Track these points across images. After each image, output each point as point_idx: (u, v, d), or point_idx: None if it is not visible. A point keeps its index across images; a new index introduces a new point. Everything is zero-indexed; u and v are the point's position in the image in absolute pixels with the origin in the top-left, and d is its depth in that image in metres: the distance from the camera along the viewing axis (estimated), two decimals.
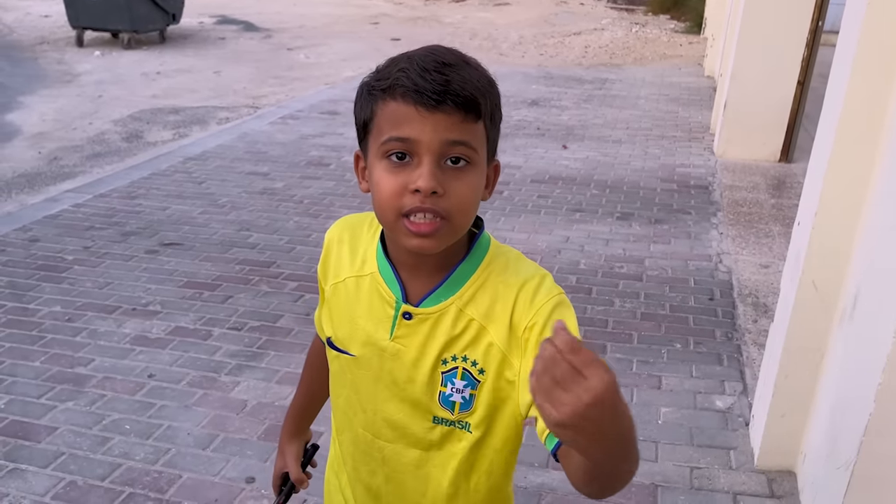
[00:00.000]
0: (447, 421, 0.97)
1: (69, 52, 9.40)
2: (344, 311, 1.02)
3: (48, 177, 5.18)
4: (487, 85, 0.89)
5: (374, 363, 0.99)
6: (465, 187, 0.87)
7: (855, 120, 1.89)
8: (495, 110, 0.91)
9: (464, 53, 0.90)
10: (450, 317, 0.95)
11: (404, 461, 1.02)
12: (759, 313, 3.27)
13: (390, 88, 0.86)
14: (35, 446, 2.39)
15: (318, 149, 5.66)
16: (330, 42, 10.72)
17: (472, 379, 0.95)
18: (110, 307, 3.26)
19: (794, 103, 5.24)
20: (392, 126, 0.86)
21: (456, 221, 0.89)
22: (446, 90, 0.84)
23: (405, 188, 0.86)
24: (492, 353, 0.94)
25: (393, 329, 0.97)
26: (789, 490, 2.23)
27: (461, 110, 0.84)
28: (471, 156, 0.87)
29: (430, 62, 0.85)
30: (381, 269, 0.99)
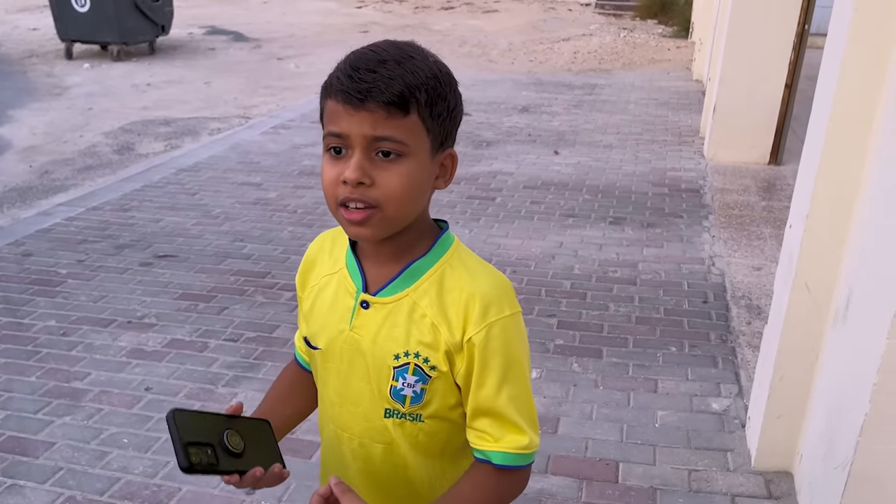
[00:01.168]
0: (398, 413, 1.00)
1: (58, 65, 9.37)
2: (319, 308, 1.06)
3: (40, 190, 5.17)
4: (425, 79, 0.91)
5: (336, 355, 1.03)
6: (395, 177, 0.91)
7: (844, 122, 1.92)
8: (437, 102, 0.93)
9: (410, 47, 0.94)
10: (404, 309, 0.98)
11: (372, 456, 1.04)
12: (752, 315, 3.30)
13: (329, 88, 0.93)
14: (33, 462, 2.38)
15: (311, 158, 5.66)
16: (320, 51, 10.73)
17: (423, 374, 0.98)
18: (105, 320, 3.25)
19: (783, 106, 5.29)
20: (329, 122, 0.93)
21: (388, 210, 0.92)
22: (370, 89, 0.88)
23: (339, 179, 0.92)
24: (442, 352, 0.97)
25: (352, 319, 1.01)
26: (787, 491, 2.25)
27: (384, 107, 0.89)
28: (400, 149, 0.91)
29: (363, 61, 0.91)
30: (348, 263, 1.04)
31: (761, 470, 2.34)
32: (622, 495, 2.26)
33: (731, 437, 2.51)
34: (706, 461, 2.40)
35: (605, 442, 2.49)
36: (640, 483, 2.30)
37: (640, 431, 2.54)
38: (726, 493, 2.26)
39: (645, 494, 2.25)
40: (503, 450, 0.96)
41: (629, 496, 2.25)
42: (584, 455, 2.42)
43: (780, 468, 2.32)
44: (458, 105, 0.98)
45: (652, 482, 2.31)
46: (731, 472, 2.34)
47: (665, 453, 2.43)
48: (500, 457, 0.97)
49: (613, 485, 2.30)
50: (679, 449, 2.45)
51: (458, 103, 0.98)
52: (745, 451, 2.43)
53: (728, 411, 2.65)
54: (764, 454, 2.32)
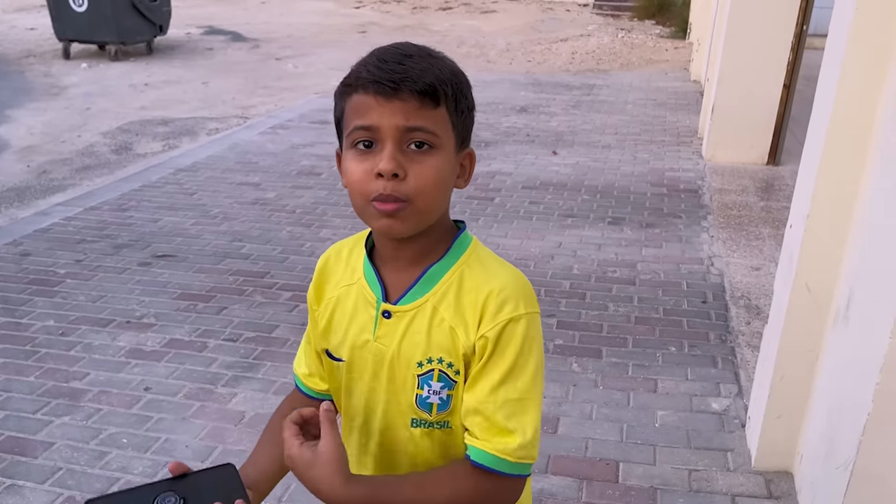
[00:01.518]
0: (426, 423, 0.98)
1: (56, 65, 9.36)
2: (339, 320, 1.04)
3: (38, 190, 5.16)
4: (450, 74, 0.92)
5: (360, 366, 1.01)
6: (428, 169, 0.90)
7: (844, 122, 1.92)
8: (460, 98, 0.93)
9: (431, 49, 0.94)
10: (425, 315, 0.96)
11: (396, 463, 1.02)
12: (751, 315, 3.30)
13: (354, 83, 0.91)
14: (32, 462, 2.37)
15: (309, 158, 5.66)
16: (318, 51, 10.73)
17: (448, 380, 0.96)
18: (104, 320, 3.25)
19: (781, 106, 5.30)
20: (356, 116, 0.91)
21: (419, 203, 0.90)
22: (403, 78, 0.88)
23: (371, 173, 0.90)
24: (460, 356, 0.95)
25: (375, 329, 0.99)
26: (787, 491, 2.25)
27: (417, 96, 0.88)
28: (432, 140, 0.90)
29: (390, 54, 0.90)
30: (366, 273, 1.02)
31: (761, 470, 2.34)
32: (622, 495, 2.25)
33: (731, 436, 2.51)
34: (706, 461, 2.40)
35: (605, 442, 2.49)
36: (640, 483, 2.30)
37: (639, 431, 2.54)
38: (726, 492, 2.26)
39: (645, 494, 2.25)
40: (483, 448, 0.91)
41: (629, 496, 2.25)
42: (584, 455, 2.42)
43: (780, 468, 2.32)
44: (474, 106, 0.98)
45: (652, 482, 2.31)
46: (731, 472, 2.34)
47: (665, 453, 2.43)
48: (477, 453, 0.91)
49: (613, 484, 2.30)
50: (679, 449, 2.45)
51: (473, 104, 0.98)
52: (745, 451, 2.43)
53: (728, 411, 2.65)
54: (764, 454, 2.32)
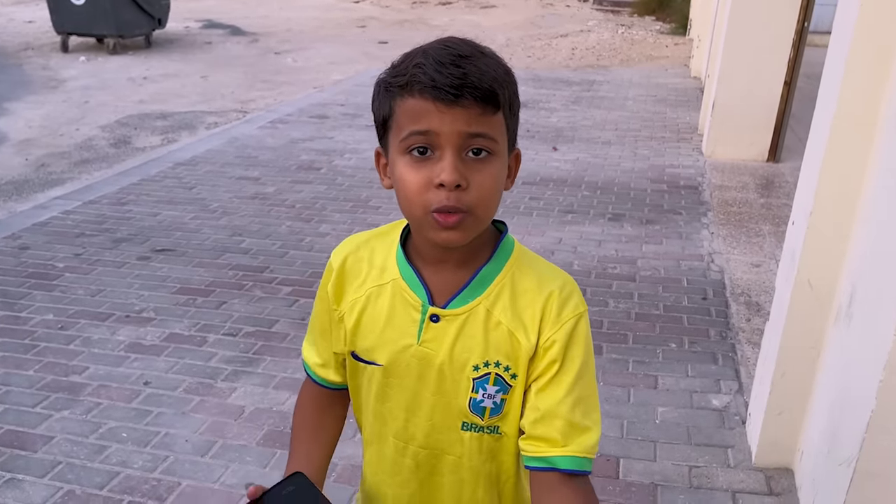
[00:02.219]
0: (477, 427, 0.97)
1: (54, 58, 9.33)
2: (368, 323, 1.00)
3: (36, 184, 5.14)
4: (504, 75, 0.88)
5: (402, 370, 0.98)
6: (488, 178, 0.88)
7: (848, 119, 1.92)
8: (513, 99, 0.90)
9: (477, 43, 0.90)
10: (479, 318, 0.94)
11: (439, 466, 1.01)
12: (752, 312, 3.30)
13: (408, 85, 0.86)
14: (31, 456, 2.36)
15: (309, 153, 5.65)
16: (317, 46, 10.70)
17: (504, 384, 0.94)
18: (103, 314, 3.24)
19: (781, 103, 5.29)
20: (412, 121, 0.86)
21: (479, 213, 0.89)
22: (464, 84, 0.83)
23: (429, 182, 0.86)
24: (522, 359, 0.93)
25: (420, 333, 0.96)
26: (787, 487, 2.25)
27: (480, 103, 0.84)
28: (492, 147, 0.87)
29: (445, 55, 0.85)
30: (404, 274, 0.97)
31: (762, 466, 2.34)
32: (623, 491, 2.25)
33: (731, 433, 2.51)
34: (707, 457, 2.40)
35: (605, 438, 2.49)
36: (640, 479, 2.30)
37: (640, 428, 2.54)
38: (727, 489, 2.26)
39: (646, 490, 2.25)
40: (573, 453, 0.90)
41: (630, 492, 2.25)
42: None
43: (780, 465, 2.32)
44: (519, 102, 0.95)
45: (653, 478, 2.31)
46: (731, 469, 2.34)
47: (665, 449, 2.43)
48: (569, 461, 0.90)
49: (614, 480, 2.30)
50: (679, 445, 2.45)
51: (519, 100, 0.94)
52: (745, 448, 2.43)
53: (728, 408, 2.65)
54: (764, 451, 2.32)
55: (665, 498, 2.23)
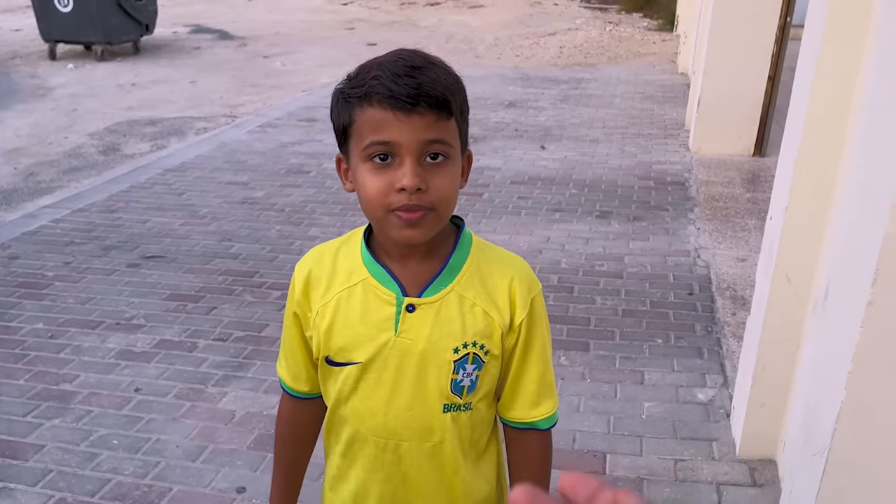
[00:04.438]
0: (456, 406, 1.03)
1: (42, 66, 9.31)
2: (340, 324, 1.03)
3: (25, 193, 5.15)
4: (454, 83, 0.95)
5: (380, 365, 1.02)
6: (446, 179, 0.94)
7: (821, 116, 1.95)
8: (464, 105, 0.97)
9: (427, 54, 0.96)
10: (453, 302, 1.01)
11: (422, 455, 1.04)
12: (737, 306, 3.33)
13: (366, 95, 0.91)
14: (23, 465, 2.38)
15: (298, 156, 5.66)
16: (306, 49, 10.71)
17: (479, 361, 1.02)
18: (93, 322, 3.25)
19: (766, 98, 5.33)
20: (372, 131, 0.91)
21: (441, 210, 0.96)
22: (419, 93, 0.89)
23: (391, 187, 0.92)
24: (496, 335, 1.02)
25: (397, 325, 1.00)
26: (770, 478, 2.29)
27: (434, 110, 0.90)
28: (447, 151, 0.94)
29: (400, 67, 0.90)
30: (373, 272, 1.02)
31: (745, 458, 2.37)
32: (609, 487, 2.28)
33: (716, 426, 2.55)
34: (692, 451, 2.43)
35: (592, 434, 2.52)
36: (626, 474, 2.33)
37: (626, 423, 2.57)
38: (711, 481, 2.29)
39: (632, 485, 2.28)
40: (551, 413, 1.08)
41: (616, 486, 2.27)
42: (572, 447, 2.45)
43: (763, 456, 2.35)
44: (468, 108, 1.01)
45: (639, 472, 2.34)
46: (716, 461, 2.38)
47: (651, 444, 2.47)
48: (548, 420, 1.09)
49: (601, 475, 2.33)
50: (665, 439, 2.49)
51: (468, 108, 1.01)
52: (729, 441, 2.46)
53: (713, 401, 2.68)
54: (748, 443, 2.35)
55: (651, 491, 2.26)
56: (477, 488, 1.10)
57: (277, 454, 1.21)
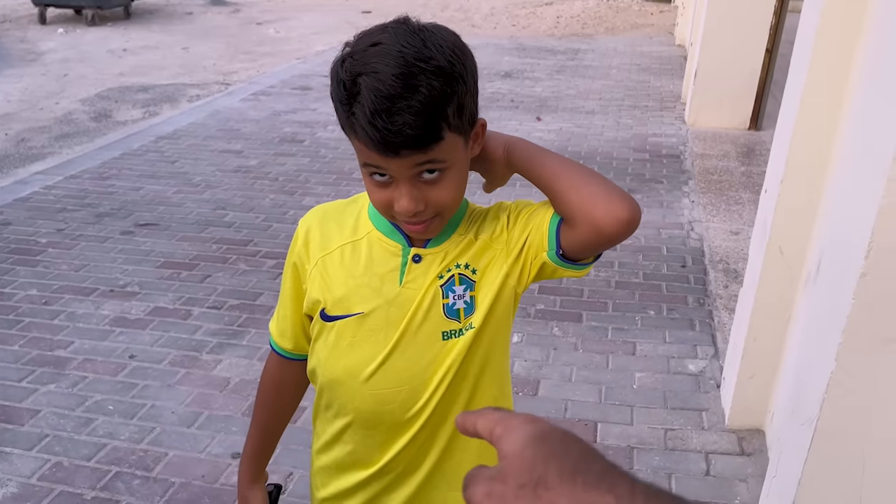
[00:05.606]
0: (456, 331, 1.01)
1: (32, 30, 9.17)
2: (339, 277, 1.03)
3: (16, 159, 5.10)
4: (445, 85, 0.85)
5: (382, 315, 1.01)
6: (445, 191, 0.93)
7: (819, 88, 1.94)
8: (462, 100, 0.88)
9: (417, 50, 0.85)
10: (459, 245, 1.02)
11: (420, 398, 1.02)
12: (729, 279, 3.36)
13: (350, 129, 0.88)
14: (18, 429, 2.40)
15: (292, 125, 5.62)
16: (300, 15, 10.57)
17: (468, 280, 1.01)
18: (87, 289, 3.25)
19: (763, 71, 5.31)
20: (363, 156, 0.90)
21: (445, 214, 0.97)
22: (401, 141, 0.84)
23: (391, 204, 0.93)
24: (478, 250, 1.01)
25: (402, 276, 1.01)
26: (758, 447, 2.32)
27: (419, 147, 0.86)
28: (443, 165, 0.91)
29: (379, 100, 0.83)
30: (379, 226, 1.02)
31: (734, 428, 2.41)
32: None
33: (706, 397, 2.58)
34: (682, 420, 2.46)
35: (584, 403, 2.55)
36: (617, 442, 2.37)
37: (618, 393, 2.60)
38: (700, 450, 2.33)
39: (622, 453, 2.32)
40: None
41: (607, 455, 2.29)
42: (564, 416, 2.48)
43: (752, 426, 2.39)
44: (476, 76, 0.92)
45: (629, 441, 2.37)
46: (705, 431, 2.41)
47: (642, 413, 2.50)
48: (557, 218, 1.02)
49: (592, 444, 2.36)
50: (656, 409, 2.52)
51: (475, 77, 0.92)
52: (719, 411, 2.50)
53: (704, 372, 2.71)
54: (737, 413, 2.39)
55: (641, 459, 2.29)
56: None
57: (256, 411, 1.21)
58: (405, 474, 1.08)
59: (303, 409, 2.26)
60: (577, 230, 0.96)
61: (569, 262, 0.99)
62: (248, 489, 1.20)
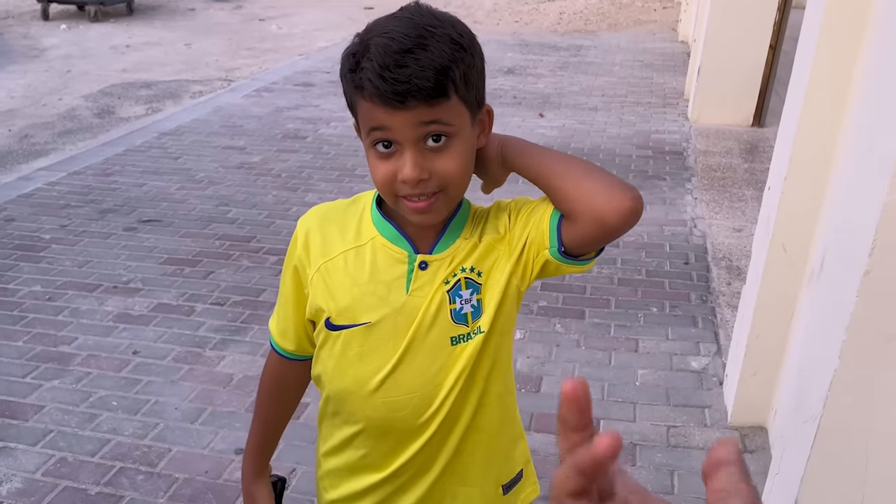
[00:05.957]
0: (464, 336, 1.00)
1: (34, 27, 9.18)
2: (343, 285, 1.01)
3: (20, 155, 5.11)
4: (453, 52, 0.88)
5: (390, 324, 1.00)
6: (450, 161, 0.91)
7: (822, 85, 1.94)
8: (469, 72, 0.91)
9: (427, 16, 0.89)
10: (464, 251, 1.01)
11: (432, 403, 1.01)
12: (732, 276, 3.35)
13: (359, 87, 0.89)
14: (23, 425, 2.41)
15: (294, 121, 5.62)
16: (302, 12, 10.57)
17: (474, 284, 1.00)
18: (91, 285, 3.26)
19: (767, 67, 5.29)
20: (369, 121, 0.90)
21: (451, 192, 0.94)
22: (408, 89, 0.85)
23: (395, 175, 0.91)
24: (482, 252, 1.00)
25: (409, 283, 0.99)
26: (761, 444, 2.33)
27: (426, 101, 0.86)
28: (449, 130, 0.90)
29: (388, 54, 0.85)
30: (384, 231, 1.01)
31: (737, 425, 2.41)
32: None
33: (708, 394, 2.58)
34: (684, 418, 2.47)
35: None
36: None
37: (620, 389, 2.61)
38: (703, 447, 2.33)
39: (624, 450, 2.31)
40: None
41: None
42: None
43: (755, 423, 2.39)
44: (483, 60, 0.95)
45: (632, 438, 2.37)
46: (707, 428, 2.41)
47: (645, 410, 2.50)
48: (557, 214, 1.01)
49: None
50: (658, 406, 2.52)
51: (482, 59, 0.95)
52: (721, 408, 2.50)
53: (707, 369, 2.72)
54: (740, 410, 2.39)
55: (643, 456, 2.30)
56: None
57: (258, 407, 1.20)
58: (417, 476, 1.07)
59: (305, 405, 2.27)
60: (579, 225, 0.95)
61: (571, 258, 0.98)
62: (252, 484, 1.20)
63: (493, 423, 1.08)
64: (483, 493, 1.11)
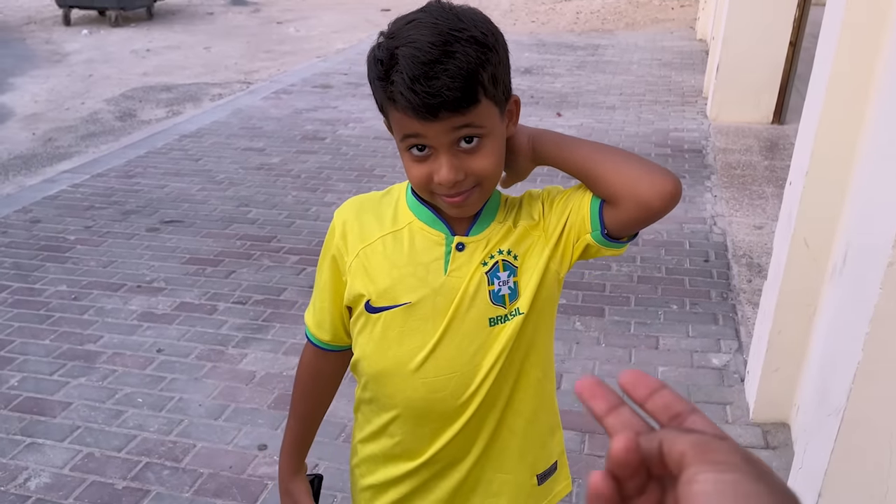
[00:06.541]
0: (502, 318, 1.02)
1: (57, 32, 9.32)
2: (382, 268, 1.04)
3: (44, 158, 5.19)
4: (479, 54, 0.88)
5: (429, 304, 1.02)
6: (484, 159, 0.94)
7: (844, 80, 1.93)
8: (496, 70, 0.92)
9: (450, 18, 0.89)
10: (499, 233, 1.03)
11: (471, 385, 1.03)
12: (753, 273, 3.34)
13: (390, 98, 0.90)
14: (50, 421, 2.45)
15: (313, 123, 5.67)
16: (319, 14, 10.64)
17: (511, 266, 1.02)
18: (115, 285, 3.31)
19: (787, 64, 5.26)
20: (402, 128, 0.93)
21: (486, 185, 0.98)
22: (439, 103, 0.87)
23: (431, 177, 0.94)
24: (518, 237, 1.03)
25: (447, 264, 1.02)
26: (783, 441, 2.31)
27: (458, 109, 0.88)
28: (481, 131, 0.93)
29: (416, 66, 0.86)
30: (420, 215, 1.03)
31: (759, 422, 2.40)
32: None
33: (730, 390, 2.57)
34: (706, 414, 2.45)
35: None
36: None
37: None
38: None
39: None
40: None
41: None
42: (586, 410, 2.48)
43: (777, 419, 2.38)
44: (507, 52, 0.96)
45: None
46: (729, 425, 2.41)
47: None
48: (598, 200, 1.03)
49: None
50: None
51: (507, 54, 0.96)
52: (743, 404, 2.49)
53: (728, 366, 2.70)
54: (762, 406, 2.38)
55: None
56: None
57: (295, 402, 1.21)
58: (454, 463, 1.09)
59: None
60: (622, 209, 0.98)
61: (612, 240, 1.02)
62: (290, 481, 1.21)
63: (530, 407, 1.10)
64: (517, 481, 1.12)
